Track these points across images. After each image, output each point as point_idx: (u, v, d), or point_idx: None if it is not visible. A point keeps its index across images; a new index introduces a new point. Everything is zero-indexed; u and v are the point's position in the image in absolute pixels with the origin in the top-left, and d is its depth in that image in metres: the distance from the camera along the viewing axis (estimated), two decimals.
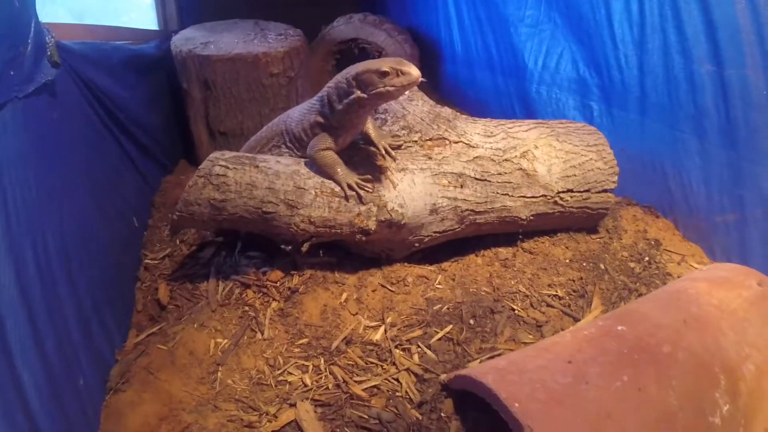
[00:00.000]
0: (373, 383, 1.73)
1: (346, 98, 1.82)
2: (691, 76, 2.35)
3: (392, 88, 1.71)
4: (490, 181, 2.13)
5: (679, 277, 2.19)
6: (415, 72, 1.66)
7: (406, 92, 2.08)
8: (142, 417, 1.61)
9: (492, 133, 2.22)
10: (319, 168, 1.93)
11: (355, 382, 1.74)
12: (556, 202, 2.23)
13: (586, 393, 1.36)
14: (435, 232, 2.08)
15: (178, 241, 2.41)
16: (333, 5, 4.72)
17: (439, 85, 4.84)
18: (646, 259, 2.33)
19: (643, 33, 2.56)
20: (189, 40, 3.12)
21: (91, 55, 2.33)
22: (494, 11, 3.71)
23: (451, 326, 1.93)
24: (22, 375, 1.26)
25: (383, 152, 2.01)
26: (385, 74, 1.70)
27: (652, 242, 2.44)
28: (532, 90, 3.45)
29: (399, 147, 2.07)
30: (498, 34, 3.76)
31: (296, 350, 1.85)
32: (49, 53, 1.79)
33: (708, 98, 2.29)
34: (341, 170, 1.91)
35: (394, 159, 2.02)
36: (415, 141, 2.10)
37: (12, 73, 1.49)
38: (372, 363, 1.81)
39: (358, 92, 1.78)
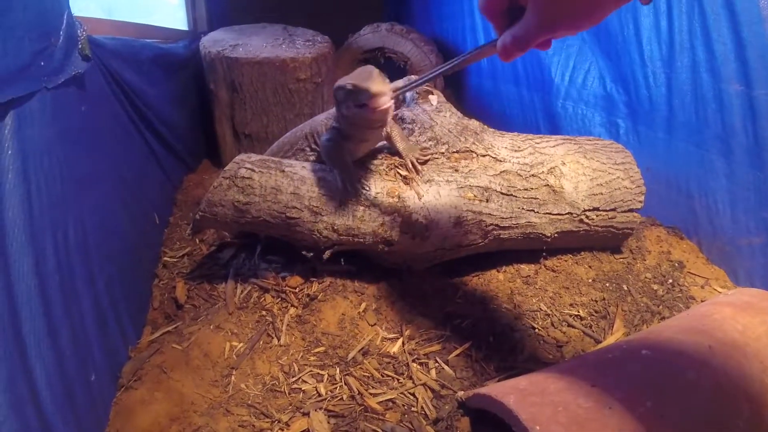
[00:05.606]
0: (388, 396, 1.69)
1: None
2: (720, 95, 2.29)
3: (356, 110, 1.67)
4: (516, 197, 2.09)
5: (702, 300, 2.14)
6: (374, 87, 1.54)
7: (433, 104, 2.06)
8: (152, 416, 1.58)
9: (519, 147, 2.19)
10: (325, 155, 1.92)
11: (371, 394, 1.70)
12: (581, 221, 2.19)
13: (609, 418, 1.30)
14: (458, 246, 2.05)
15: (198, 241, 2.40)
16: (360, 14, 4.76)
17: (464, 97, 4.84)
18: (670, 281, 2.26)
19: (671, 50, 2.51)
20: (218, 41, 3.14)
21: (121, 51, 2.33)
22: None
23: (469, 342, 1.89)
24: (35, 367, 1.23)
25: (410, 165, 1.98)
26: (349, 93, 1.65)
27: (676, 264, 2.38)
28: (557, 105, 3.42)
29: (427, 161, 2.04)
30: None
31: (312, 358, 1.82)
32: (80, 46, 1.77)
33: (736, 118, 2.23)
34: (344, 165, 1.89)
35: (418, 173, 1.99)
36: (442, 153, 2.07)
37: (42, 63, 1.47)
38: (388, 376, 1.77)
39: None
